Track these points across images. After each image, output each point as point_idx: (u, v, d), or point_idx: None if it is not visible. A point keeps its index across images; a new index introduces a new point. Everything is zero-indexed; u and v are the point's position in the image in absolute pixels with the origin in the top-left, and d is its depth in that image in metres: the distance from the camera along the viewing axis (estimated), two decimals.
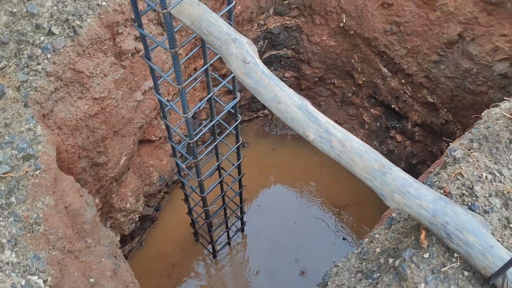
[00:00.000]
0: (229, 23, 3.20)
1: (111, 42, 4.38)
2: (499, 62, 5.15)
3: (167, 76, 3.90)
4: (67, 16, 3.93)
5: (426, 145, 6.79)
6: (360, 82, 7.00)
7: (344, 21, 6.41)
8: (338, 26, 6.55)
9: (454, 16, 5.30)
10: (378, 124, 7.28)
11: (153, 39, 3.47)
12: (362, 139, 7.56)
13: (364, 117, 7.38)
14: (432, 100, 6.20)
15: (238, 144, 5.09)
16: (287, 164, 7.36)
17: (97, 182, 4.96)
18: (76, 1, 4.02)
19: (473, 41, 5.28)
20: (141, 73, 4.85)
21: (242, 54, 2.90)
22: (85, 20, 4.05)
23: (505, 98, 3.21)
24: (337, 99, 7.59)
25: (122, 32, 4.42)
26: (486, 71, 5.31)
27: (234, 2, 3.52)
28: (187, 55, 4.32)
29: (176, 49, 3.24)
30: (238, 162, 5.33)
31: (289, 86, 7.81)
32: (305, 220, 6.80)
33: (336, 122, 7.75)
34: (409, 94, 6.46)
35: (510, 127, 2.89)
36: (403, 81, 6.41)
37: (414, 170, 6.87)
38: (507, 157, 2.80)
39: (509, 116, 2.92)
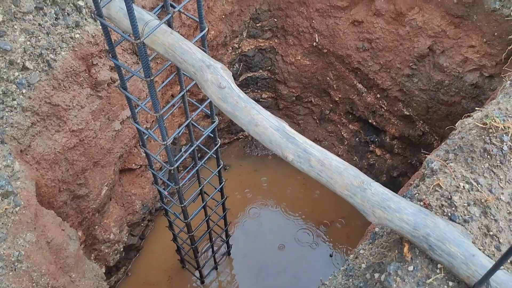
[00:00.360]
0: (203, 50, 3.24)
1: (87, 74, 4.39)
2: (469, 72, 5.28)
3: (144, 105, 3.90)
4: (40, 50, 3.93)
5: (406, 157, 6.88)
6: (337, 99, 7.10)
7: (317, 40, 6.52)
8: (311, 46, 6.66)
9: (423, 30, 5.44)
10: (357, 139, 7.36)
11: (128, 69, 3.48)
12: (342, 155, 7.59)
13: (343, 133, 7.46)
14: (408, 113, 6.31)
15: (220, 167, 5.09)
16: (270, 184, 7.38)
17: (79, 214, 4.90)
18: (49, 35, 4.02)
19: (443, 54, 5.42)
20: (118, 102, 4.85)
21: (217, 80, 2.92)
22: (59, 54, 4.06)
23: (476, 108, 3.29)
24: (315, 117, 7.67)
25: (97, 63, 4.44)
26: (457, 82, 5.44)
27: (206, 29, 3.56)
28: (163, 82, 4.34)
29: (152, 78, 3.26)
30: (221, 186, 5.33)
31: (267, 107, 7.84)
32: (291, 239, 6.80)
33: (315, 139, 7.81)
34: (385, 108, 6.57)
35: (483, 136, 2.96)
36: (378, 95, 6.52)
37: (396, 182, 6.95)
38: (482, 166, 2.86)
39: (481, 125, 2.99)
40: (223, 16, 6.08)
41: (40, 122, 4.04)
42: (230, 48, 6.77)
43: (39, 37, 3.95)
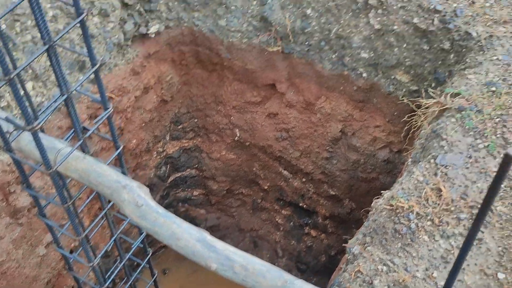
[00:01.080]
0: (121, 170, 3.30)
1: (4, 203, 4.29)
2: (380, 150, 5.66)
3: (67, 227, 3.83)
4: None
5: (339, 235, 7.05)
6: (266, 187, 7.28)
7: (238, 135, 6.78)
8: (233, 140, 6.90)
9: (333, 116, 5.83)
10: (291, 223, 7.49)
11: (43, 197, 3.46)
12: (279, 241, 7.62)
13: (277, 219, 7.58)
14: (333, 193, 6.57)
15: (154, 277, 4.97)
16: (211, 283, 7.21)
17: None
18: None
19: (354, 135, 5.79)
20: (41, 226, 4.72)
21: (134, 199, 2.97)
22: None
23: (381, 192, 3.52)
24: (248, 207, 7.77)
25: (14, 191, 4.35)
26: (372, 160, 5.79)
27: (121, 147, 3.64)
28: (88, 197, 4.30)
29: (69, 204, 3.25)
30: None
31: (199, 203, 7.80)
32: None
33: (252, 229, 7.81)
34: (312, 191, 6.80)
35: (392, 217, 3.16)
36: (304, 180, 6.77)
37: (334, 261, 7.05)
38: (396, 246, 3.02)
39: (389, 207, 3.20)
40: (143, 124, 6.22)
41: None
42: (155, 152, 6.87)
43: None
